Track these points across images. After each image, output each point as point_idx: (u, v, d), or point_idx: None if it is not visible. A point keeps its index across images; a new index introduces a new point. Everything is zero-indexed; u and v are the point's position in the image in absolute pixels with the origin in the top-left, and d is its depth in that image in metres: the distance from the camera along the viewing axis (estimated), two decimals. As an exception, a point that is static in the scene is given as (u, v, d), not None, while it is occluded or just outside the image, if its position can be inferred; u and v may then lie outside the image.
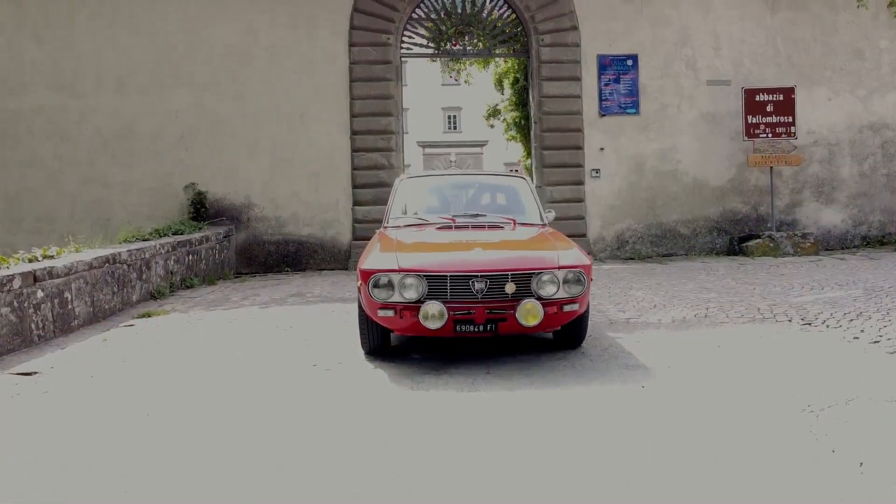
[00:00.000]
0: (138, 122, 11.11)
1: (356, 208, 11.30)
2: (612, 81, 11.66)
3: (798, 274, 8.47)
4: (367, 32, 11.32)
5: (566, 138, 11.53)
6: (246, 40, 11.23)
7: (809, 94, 11.91)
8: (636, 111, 11.70)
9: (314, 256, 11.27)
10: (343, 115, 11.30)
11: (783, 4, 11.90)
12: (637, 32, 11.72)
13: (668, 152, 11.75)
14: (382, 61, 11.34)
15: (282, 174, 11.25)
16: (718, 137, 11.82)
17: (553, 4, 11.52)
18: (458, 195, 5.50)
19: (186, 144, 11.15)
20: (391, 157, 11.35)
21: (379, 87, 11.34)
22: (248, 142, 11.22)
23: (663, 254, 11.67)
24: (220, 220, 11.07)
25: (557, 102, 11.53)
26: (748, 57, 11.89)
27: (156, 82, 11.12)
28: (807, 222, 11.94)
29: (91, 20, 11.04)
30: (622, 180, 11.66)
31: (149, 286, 7.84)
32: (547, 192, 11.46)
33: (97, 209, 11.04)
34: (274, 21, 11.25)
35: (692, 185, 11.77)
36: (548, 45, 11.54)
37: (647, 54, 11.73)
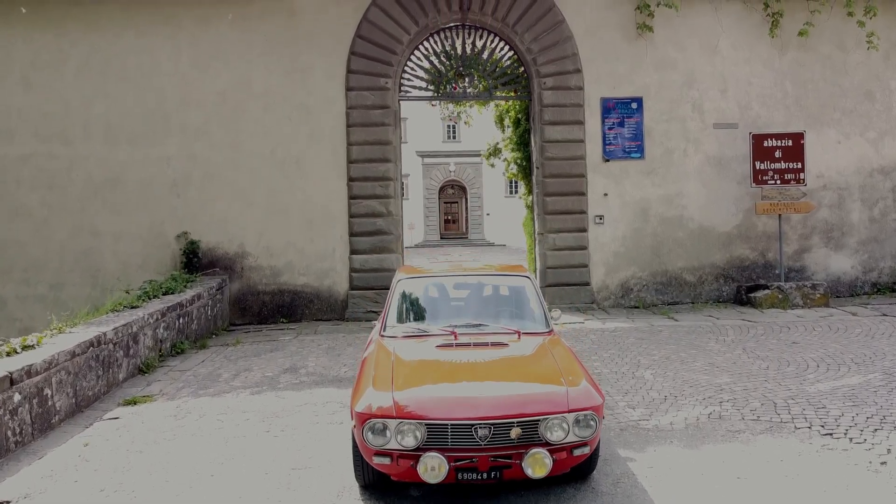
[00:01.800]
0: (129, 171, 10.80)
1: (353, 257, 10.99)
2: (616, 125, 11.36)
3: (811, 342, 8.15)
4: (364, 76, 11.02)
5: (569, 184, 11.23)
6: (239, 87, 10.92)
7: (818, 137, 11.61)
8: (641, 155, 11.40)
9: (310, 306, 10.96)
10: (340, 161, 11.00)
11: (792, 45, 11.60)
12: (642, 75, 11.42)
13: (673, 197, 11.44)
14: (380, 106, 11.04)
15: (277, 222, 10.95)
16: (725, 182, 11.52)
17: (556, 47, 11.22)
18: (459, 298, 5.19)
19: (179, 192, 10.85)
20: (389, 204, 11.05)
21: (376, 132, 11.03)
22: (241, 189, 10.92)
23: (668, 301, 11.36)
24: (214, 271, 10.77)
25: (560, 147, 11.23)
26: (756, 99, 11.59)
27: (147, 130, 10.82)
28: (815, 269, 11.64)
29: (81, 68, 10.73)
30: (626, 226, 11.36)
31: (136, 360, 7.53)
32: (549, 240, 11.17)
33: (87, 259, 10.74)
34: (268, 67, 10.94)
35: (698, 232, 11.47)
36: (550, 88, 11.24)
37: (652, 97, 11.44)
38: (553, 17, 11.22)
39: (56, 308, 10.60)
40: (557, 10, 11.23)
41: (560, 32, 11.23)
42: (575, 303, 11.08)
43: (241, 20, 10.93)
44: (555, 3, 11.24)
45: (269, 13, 10.96)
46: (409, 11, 11.03)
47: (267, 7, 10.95)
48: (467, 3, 11.11)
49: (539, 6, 11.20)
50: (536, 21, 11.19)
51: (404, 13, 11.03)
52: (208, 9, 10.88)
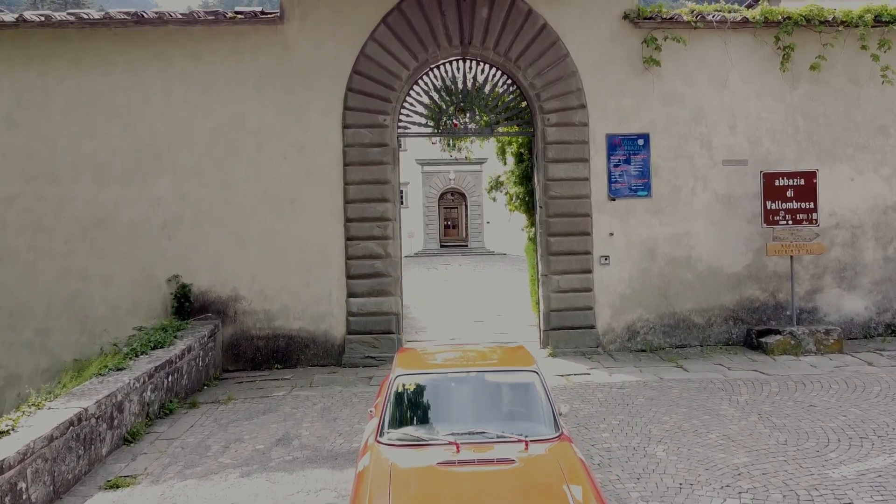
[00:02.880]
0: (118, 212, 10.43)
1: (350, 300, 10.62)
2: (622, 162, 11.00)
3: (828, 406, 7.77)
4: (361, 113, 10.65)
5: (573, 224, 10.86)
6: (232, 124, 10.55)
7: (831, 174, 11.24)
8: (648, 193, 11.03)
9: (305, 352, 10.59)
10: (336, 201, 10.63)
11: (803, 79, 11.23)
12: (649, 110, 11.05)
13: (681, 237, 11.07)
14: (378, 144, 10.67)
15: (271, 265, 10.58)
16: (734, 220, 11.15)
17: (560, 82, 10.85)
18: (461, 399, 4.81)
19: (170, 234, 10.47)
20: (388, 245, 10.68)
21: (374, 171, 10.66)
22: (234, 231, 10.55)
23: (676, 344, 10.99)
24: (206, 316, 10.40)
25: (564, 186, 10.86)
26: (766, 135, 11.23)
27: (137, 170, 10.44)
28: (828, 310, 11.27)
29: (67, 106, 10.36)
30: (633, 267, 10.99)
31: (121, 430, 7.16)
32: (553, 282, 10.80)
33: (75, 304, 10.36)
34: (262, 104, 10.57)
35: (707, 272, 11.10)
36: (554, 124, 10.87)
37: (660, 133, 11.07)
38: (557, 51, 10.85)
39: (43, 355, 10.31)
40: (561, 43, 10.86)
41: (564, 67, 10.86)
42: (580, 347, 10.71)
43: (233, 55, 10.56)
44: (559, 36, 10.87)
45: (262, 48, 10.59)
46: (408, 46, 10.66)
47: (260, 42, 10.58)
48: (468, 37, 10.74)
49: (543, 40, 10.83)
50: (540, 55, 10.82)
51: (403, 48, 10.66)
52: (200, 44, 10.50)
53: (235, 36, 10.55)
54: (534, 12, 10.83)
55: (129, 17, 10.18)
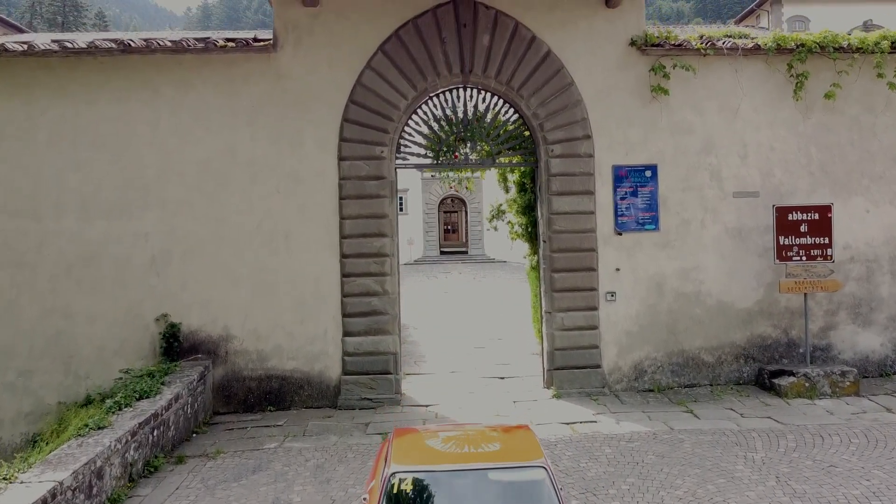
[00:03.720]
0: (105, 247, 10.01)
1: (346, 339, 10.20)
2: (629, 195, 10.58)
3: (850, 466, 7.35)
4: (358, 145, 10.23)
5: (579, 259, 10.44)
6: (223, 156, 10.13)
7: (845, 206, 10.84)
8: (655, 227, 10.62)
9: (300, 393, 10.17)
10: (332, 236, 10.21)
11: (817, 108, 10.82)
12: (656, 141, 10.63)
13: (690, 272, 10.66)
14: (375, 177, 10.25)
15: (264, 302, 10.16)
16: (745, 254, 10.74)
17: (564, 112, 10.43)
18: (464, 498, 4.39)
19: (158, 271, 10.05)
20: (385, 282, 10.25)
21: (371, 205, 10.24)
22: (226, 267, 10.13)
23: (685, 384, 10.58)
24: (196, 357, 9.98)
25: (569, 220, 10.44)
26: (778, 166, 10.81)
27: (124, 203, 10.02)
28: (842, 347, 10.86)
29: (51, 137, 9.94)
30: (640, 303, 10.57)
31: (101, 498, 6.73)
32: (558, 319, 10.38)
33: (59, 343, 9.95)
34: (254, 135, 10.15)
35: (717, 308, 10.69)
36: (558, 155, 10.45)
37: (668, 164, 10.65)
38: (561, 79, 10.43)
39: (26, 397, 9.91)
40: (566, 71, 10.45)
41: (569, 96, 10.45)
42: (585, 387, 10.30)
43: (224, 84, 10.14)
44: (563, 64, 10.45)
45: (255, 77, 10.17)
46: (406, 75, 10.24)
47: (252, 70, 10.16)
48: (469, 65, 10.32)
49: (546, 69, 10.41)
50: (543, 84, 10.40)
51: (401, 77, 10.24)
52: (189, 72, 10.08)
53: (227, 64, 10.13)
54: (537, 39, 10.42)
55: (115, 45, 9.76)
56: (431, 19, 10.29)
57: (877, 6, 54.01)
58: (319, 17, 10.24)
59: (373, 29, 10.26)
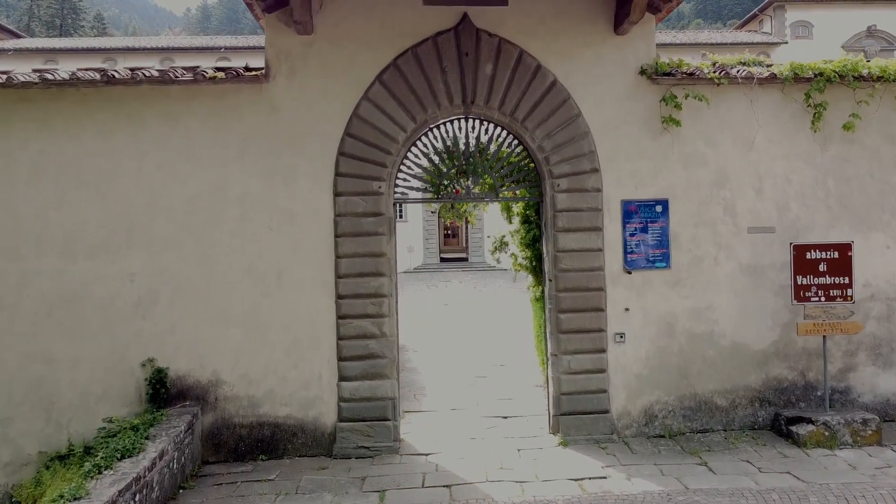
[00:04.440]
0: (88, 288, 9.52)
1: (342, 384, 9.71)
2: (638, 231, 10.10)
3: (881, 539, 6.89)
4: (355, 180, 9.74)
5: (586, 299, 9.95)
6: (213, 192, 9.64)
7: (865, 241, 10.35)
8: (666, 265, 10.13)
9: (293, 440, 9.68)
10: (327, 276, 9.72)
11: (835, 138, 10.33)
12: (668, 174, 10.15)
13: (702, 311, 10.17)
14: (373, 213, 9.76)
15: (255, 346, 9.67)
16: (760, 293, 10.25)
17: (571, 144, 9.95)
18: None
19: (144, 313, 9.56)
20: (383, 324, 9.76)
21: (369, 242, 9.76)
22: (215, 309, 9.64)
23: (698, 429, 10.09)
24: (184, 405, 9.49)
25: (576, 258, 9.95)
26: (795, 199, 10.33)
27: (108, 242, 9.53)
28: (862, 389, 10.38)
29: (32, 173, 9.45)
30: (650, 345, 10.09)
31: (76, 579, 6.25)
32: (564, 362, 9.90)
33: (40, 389, 9.45)
34: (246, 170, 9.66)
35: (731, 349, 10.20)
36: (564, 190, 9.97)
37: (679, 199, 10.17)
38: (568, 110, 9.95)
39: (4, 446, 9.47)
40: (573, 102, 9.96)
41: (576, 128, 9.96)
42: (593, 434, 9.81)
43: (214, 117, 9.65)
44: (569, 94, 9.97)
45: (246, 109, 9.68)
46: (405, 107, 9.75)
47: (243, 102, 9.67)
48: (471, 95, 9.84)
49: (552, 99, 9.92)
50: (549, 115, 9.92)
51: (400, 108, 9.75)
52: (176, 104, 9.59)
53: (216, 95, 9.64)
54: (542, 68, 9.93)
55: (98, 76, 9.27)
56: (431, 48, 9.81)
57: (881, 11, 53.69)
58: (314, 46, 9.75)
59: (370, 58, 9.77)
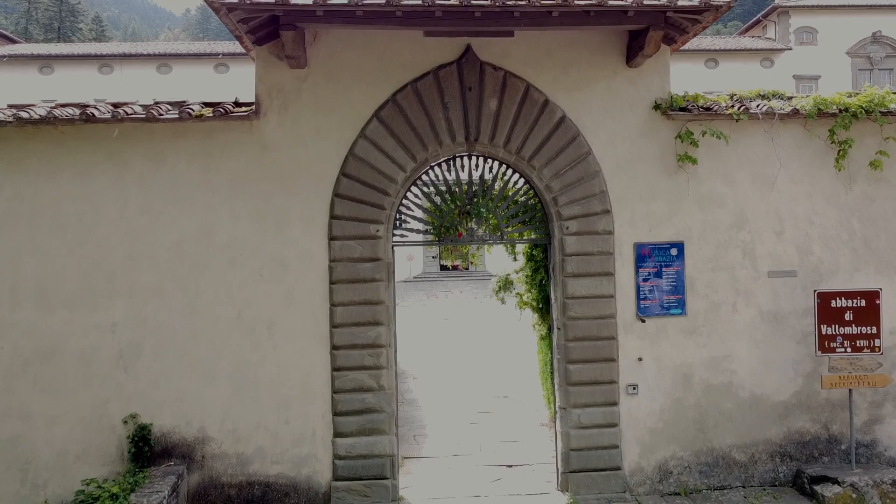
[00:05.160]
0: (66, 341, 8.92)
1: (337, 441, 9.11)
2: (652, 275, 9.51)
3: None
4: (351, 223, 9.15)
5: (597, 349, 9.37)
6: (199, 237, 9.05)
7: (892, 284, 9.78)
8: (682, 311, 9.55)
9: (285, 501, 9.08)
10: (321, 325, 9.13)
11: (860, 177, 9.75)
12: (683, 215, 9.56)
13: (720, 361, 9.59)
14: (370, 258, 9.17)
15: (244, 400, 9.08)
16: (781, 341, 9.67)
17: (581, 184, 9.36)
18: None
19: (126, 366, 8.97)
20: (381, 376, 9.17)
21: (366, 290, 9.16)
22: (202, 361, 9.05)
23: (715, 486, 9.50)
24: (169, 464, 8.90)
25: (586, 305, 9.36)
26: (817, 241, 9.74)
27: (88, 292, 8.93)
28: (889, 443, 9.79)
29: (6, 217, 8.85)
30: (665, 397, 9.50)
31: None
32: (574, 416, 9.31)
33: (15, 448, 8.86)
34: (234, 214, 9.07)
35: (750, 401, 9.61)
36: (574, 233, 9.38)
37: (696, 241, 9.58)
38: (577, 148, 9.36)
39: (-24, 510, 8.80)
40: (582, 139, 9.38)
41: (586, 167, 9.37)
42: (604, 492, 9.23)
43: (201, 156, 9.06)
44: (579, 131, 9.38)
45: (235, 148, 9.09)
46: (405, 145, 9.17)
47: (232, 141, 9.08)
48: (474, 132, 9.25)
49: (561, 136, 9.34)
50: (557, 154, 9.33)
51: (399, 147, 9.16)
52: (161, 143, 9.00)
53: (203, 133, 9.05)
54: (550, 103, 9.35)
55: (77, 114, 8.68)
56: (432, 82, 9.22)
57: (886, 17, 53.12)
58: (307, 80, 9.16)
59: (367, 93, 9.19)
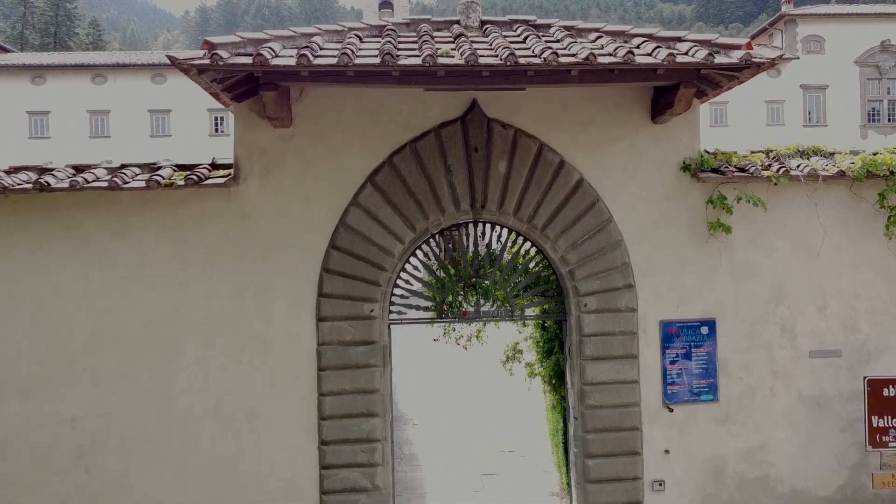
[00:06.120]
0: (19, 435, 7.90)
1: (327, 546, 8.11)
2: (680, 357, 8.49)
3: None
4: (342, 302, 8.13)
5: (618, 441, 8.34)
6: (171, 316, 8.03)
7: (947, 365, 8.75)
8: (713, 397, 8.53)
9: None
10: (308, 417, 8.11)
11: (912, 244, 8.74)
12: (715, 288, 8.55)
13: (756, 452, 8.56)
14: (363, 342, 8.15)
15: (221, 501, 8.05)
16: (824, 429, 8.65)
17: (601, 256, 8.34)
18: None
19: (87, 464, 7.95)
20: (375, 475, 8.15)
21: (359, 377, 8.14)
22: (174, 457, 8.02)
23: (750, 593, 8.48)
24: (134, 577, 7.88)
25: (607, 392, 8.34)
26: (864, 317, 8.73)
27: (44, 380, 7.92)
28: (944, 542, 8.77)
29: (-51, 299, 7.85)
30: (694, 493, 8.48)
31: None
32: (592, 517, 8.28)
33: (-39, 557, 7.85)
34: (210, 289, 8.05)
35: (789, 497, 8.59)
36: (593, 311, 8.36)
37: (729, 318, 8.57)
38: (597, 215, 8.34)
39: None
40: (602, 204, 8.36)
41: (606, 236, 8.36)
42: None
43: (172, 227, 8.04)
44: (599, 195, 8.37)
45: (211, 217, 8.07)
46: (403, 213, 8.15)
47: (208, 209, 8.07)
48: (481, 198, 8.24)
49: (578, 201, 8.32)
50: (574, 221, 8.31)
51: (397, 216, 8.15)
52: (127, 213, 7.98)
53: (175, 202, 8.03)
54: (566, 164, 8.33)
55: (31, 183, 7.65)
56: (434, 143, 8.21)
57: (894, 25, 52.09)
58: (293, 141, 8.15)
59: (360, 155, 8.17)
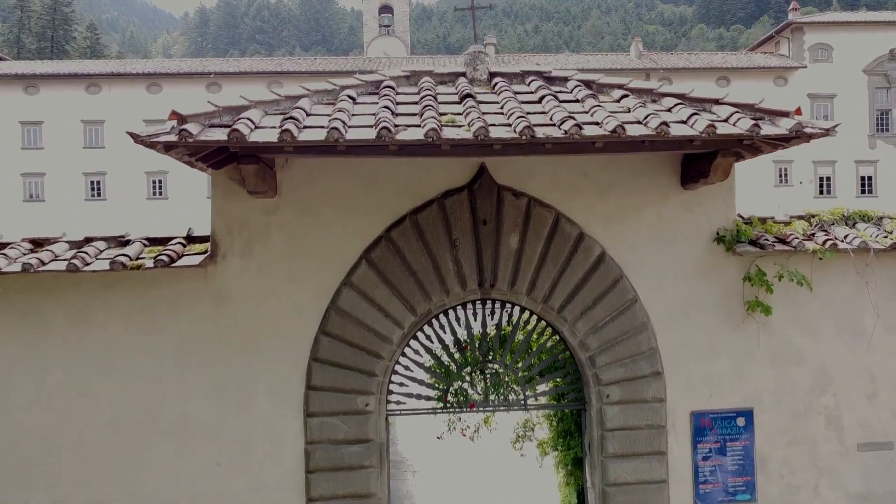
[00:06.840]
0: (-33, 551, 6.97)
1: None
2: (714, 452, 7.57)
3: None
4: (333, 395, 7.19)
5: (645, 549, 7.41)
6: (139, 416, 7.09)
7: None
8: (751, 497, 7.60)
9: None
10: (295, 527, 7.18)
11: (972, 324, 7.79)
12: (752, 376, 7.61)
13: (799, 558, 7.64)
14: (357, 440, 7.20)
15: None
16: (875, 531, 7.72)
17: (624, 340, 7.40)
18: None
19: (44, 583, 7.00)
20: (372, 591, 7.21)
21: (352, 480, 7.20)
22: (144, 574, 7.09)
23: None
24: None
25: (631, 494, 7.40)
26: (919, 405, 7.80)
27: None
28: None
29: None
30: None
31: None
32: None
33: None
34: (184, 386, 7.11)
35: None
36: (616, 402, 7.42)
37: (767, 408, 7.64)
38: (621, 294, 7.41)
39: None
40: (627, 282, 7.42)
41: (631, 318, 7.42)
42: None
43: (141, 313, 7.10)
44: (622, 272, 7.43)
45: (185, 301, 7.12)
46: (402, 295, 7.21)
47: (182, 292, 7.12)
48: (490, 276, 7.30)
49: (600, 279, 7.38)
50: (595, 302, 7.38)
51: (395, 297, 7.21)
52: (89, 297, 7.04)
53: (144, 284, 7.09)
54: (586, 237, 7.40)
55: (-22, 266, 6.72)
56: (437, 214, 7.26)
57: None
58: (278, 213, 7.20)
59: (354, 229, 7.23)
